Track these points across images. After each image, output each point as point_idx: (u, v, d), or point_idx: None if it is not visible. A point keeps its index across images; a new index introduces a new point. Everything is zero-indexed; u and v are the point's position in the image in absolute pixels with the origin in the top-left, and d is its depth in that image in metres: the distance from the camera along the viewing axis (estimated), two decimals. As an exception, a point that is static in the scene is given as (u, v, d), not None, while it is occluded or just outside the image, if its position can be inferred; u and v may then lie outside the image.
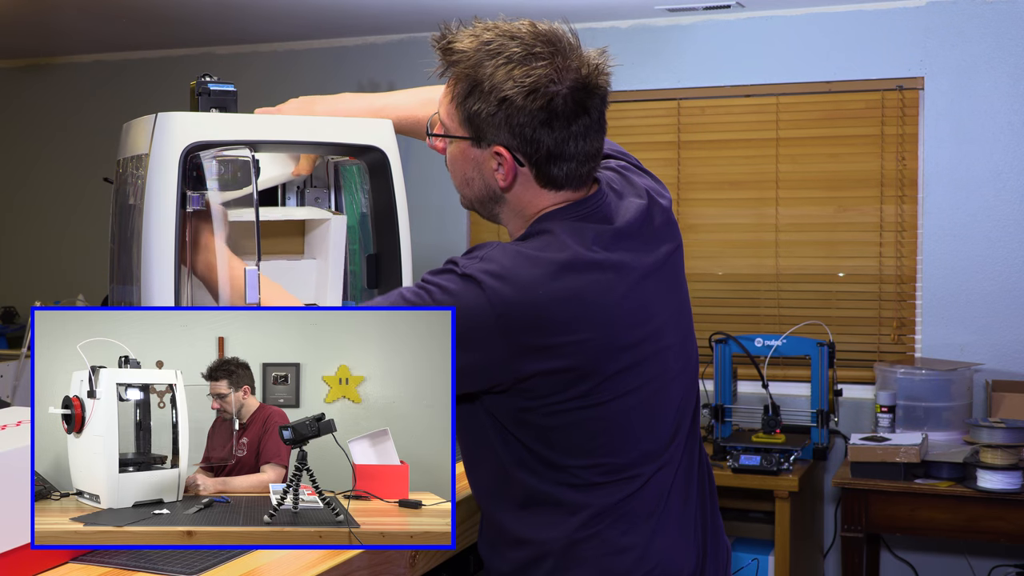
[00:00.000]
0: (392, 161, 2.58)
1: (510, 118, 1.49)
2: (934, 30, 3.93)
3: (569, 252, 1.48)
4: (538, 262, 1.46)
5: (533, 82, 1.47)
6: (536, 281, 1.44)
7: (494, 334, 1.43)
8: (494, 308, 1.43)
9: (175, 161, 2.21)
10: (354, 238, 2.69)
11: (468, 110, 1.51)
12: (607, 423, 1.51)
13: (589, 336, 1.46)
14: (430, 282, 1.48)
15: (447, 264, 1.50)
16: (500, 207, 1.59)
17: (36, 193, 5.41)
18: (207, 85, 2.40)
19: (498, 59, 1.48)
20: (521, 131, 1.49)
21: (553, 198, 1.55)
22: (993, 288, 3.90)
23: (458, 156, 1.57)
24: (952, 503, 3.38)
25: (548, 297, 1.44)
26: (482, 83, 1.49)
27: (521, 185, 1.54)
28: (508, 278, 1.44)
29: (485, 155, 1.54)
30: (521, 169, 1.53)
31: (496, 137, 1.51)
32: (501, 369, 1.46)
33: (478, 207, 1.62)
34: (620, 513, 1.54)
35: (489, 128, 1.51)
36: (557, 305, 1.44)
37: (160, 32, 4.65)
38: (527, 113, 1.48)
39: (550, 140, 1.50)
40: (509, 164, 1.52)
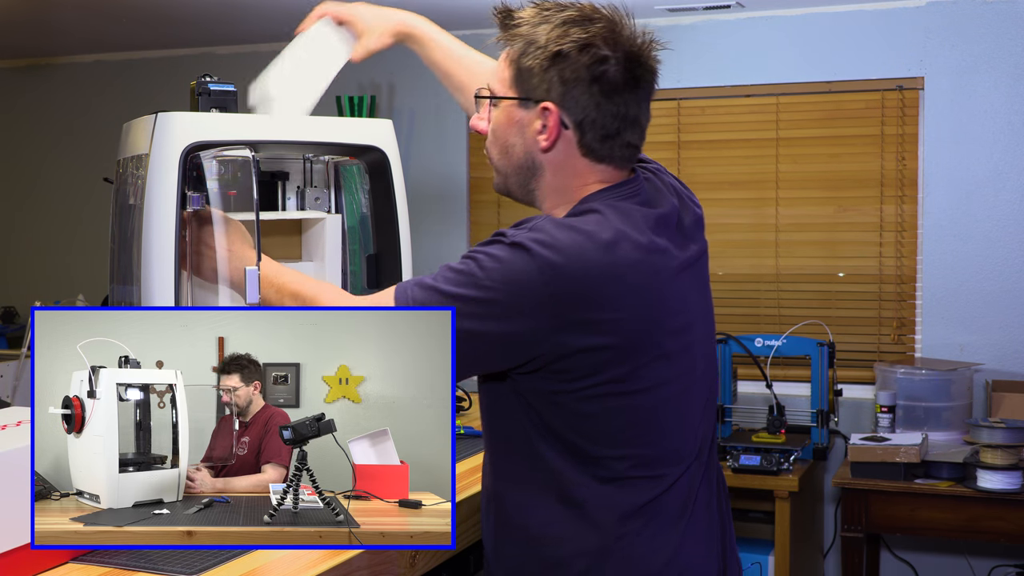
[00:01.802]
0: (392, 161, 2.58)
1: (561, 72, 1.49)
2: (934, 30, 3.93)
3: (618, 230, 1.47)
4: (589, 236, 1.45)
5: (588, 39, 1.48)
6: (586, 253, 1.43)
7: (541, 303, 1.42)
8: (542, 275, 1.42)
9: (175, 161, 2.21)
10: (354, 238, 2.69)
11: (519, 67, 1.52)
12: (639, 414, 1.50)
13: (633, 316, 1.45)
14: (478, 251, 1.47)
15: (495, 235, 1.48)
16: (538, 180, 1.56)
17: (36, 193, 5.41)
18: (207, 85, 2.40)
19: (556, 19, 1.50)
20: (569, 89, 1.49)
21: (593, 172, 1.54)
22: (993, 288, 3.90)
23: (502, 121, 1.56)
24: (952, 503, 3.38)
25: (597, 270, 1.43)
26: (537, 39, 1.50)
27: (562, 151, 1.53)
28: (558, 248, 1.43)
29: (530, 116, 1.52)
30: (565, 132, 1.51)
31: (545, 94, 1.50)
32: (543, 341, 1.44)
33: (514, 183, 1.59)
34: (650, 514, 1.52)
35: (539, 85, 1.50)
36: (605, 280, 1.43)
37: (160, 32, 4.65)
38: (578, 69, 1.48)
39: (597, 103, 1.49)
40: (555, 122, 1.51)
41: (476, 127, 1.61)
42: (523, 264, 1.42)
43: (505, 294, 1.42)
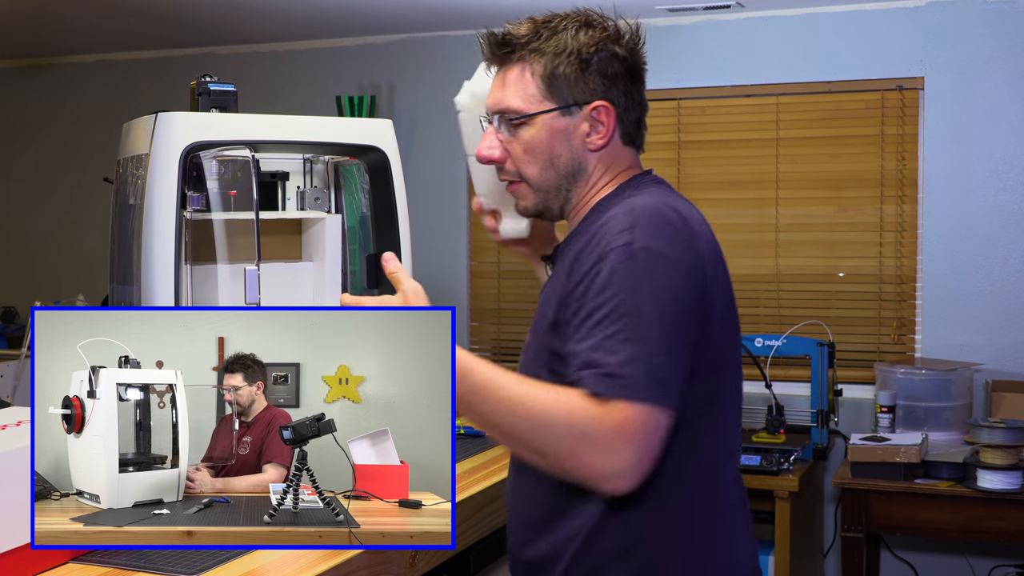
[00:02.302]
0: (392, 161, 2.59)
1: (602, 70, 1.53)
2: (934, 30, 3.93)
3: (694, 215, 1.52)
4: (688, 204, 1.53)
5: (606, 37, 1.54)
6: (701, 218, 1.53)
7: (702, 261, 1.46)
8: (695, 233, 1.47)
9: (175, 161, 2.21)
10: (354, 238, 2.69)
11: (552, 79, 1.53)
12: (723, 394, 1.52)
13: (728, 286, 1.52)
14: (611, 285, 1.42)
15: (624, 236, 1.43)
16: (579, 184, 1.58)
17: (36, 193, 5.41)
18: (207, 85, 2.40)
19: (567, 28, 1.54)
20: (613, 84, 1.54)
21: (629, 157, 1.59)
22: (993, 288, 3.90)
23: (542, 137, 1.55)
24: (952, 503, 3.38)
25: (709, 235, 1.52)
26: (563, 49, 1.52)
27: (612, 144, 1.57)
28: (686, 214, 1.48)
29: (575, 121, 1.55)
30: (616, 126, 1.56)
31: (591, 94, 1.53)
32: (704, 303, 1.45)
33: (554, 196, 1.58)
34: (727, 504, 1.54)
35: (580, 88, 1.53)
36: (713, 246, 1.50)
37: (160, 32, 4.65)
38: (613, 64, 1.53)
39: (629, 92, 1.56)
40: (610, 117, 1.54)
41: (491, 157, 1.59)
42: (682, 225, 1.45)
43: (676, 263, 1.42)
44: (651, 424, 1.35)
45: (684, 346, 1.41)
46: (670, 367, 1.38)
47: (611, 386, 1.36)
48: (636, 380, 1.35)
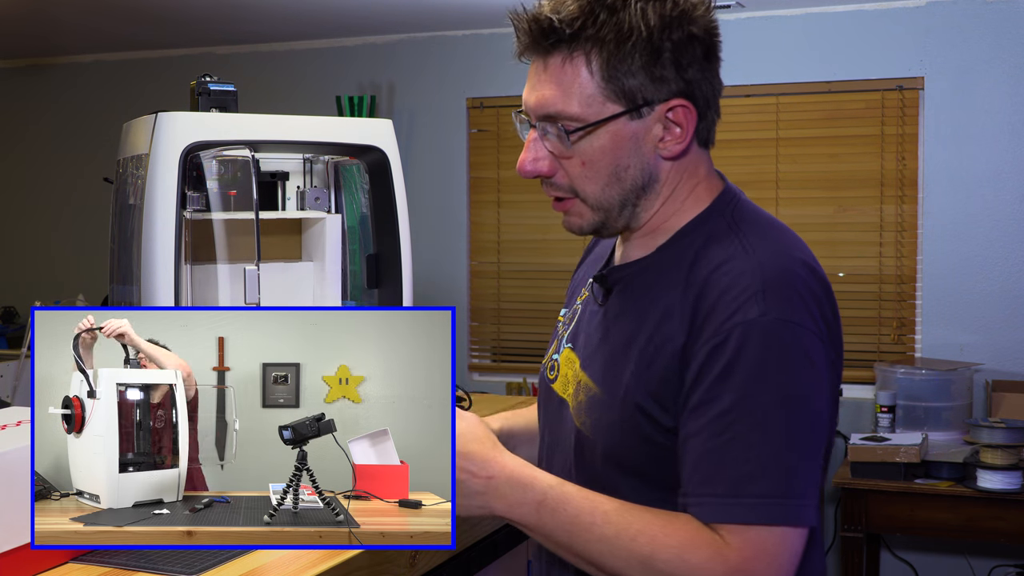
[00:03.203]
0: (392, 161, 2.59)
1: (678, 56, 1.21)
2: (934, 30, 3.93)
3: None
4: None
5: (684, 9, 1.22)
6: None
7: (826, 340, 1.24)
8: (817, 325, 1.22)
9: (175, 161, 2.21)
10: (354, 238, 2.69)
11: (616, 74, 1.21)
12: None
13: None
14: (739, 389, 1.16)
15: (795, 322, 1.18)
16: (652, 195, 1.28)
17: (36, 193, 5.41)
18: (207, 85, 2.40)
19: (628, 4, 1.21)
20: (689, 75, 1.23)
21: (701, 160, 1.31)
22: (993, 288, 3.90)
23: (606, 147, 1.24)
24: (952, 503, 3.38)
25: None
26: (629, 33, 1.19)
27: (691, 147, 1.28)
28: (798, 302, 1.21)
29: (645, 125, 1.24)
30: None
31: (666, 90, 1.22)
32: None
33: (616, 215, 1.29)
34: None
35: (650, 84, 1.21)
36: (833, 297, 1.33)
37: (160, 32, 4.65)
38: (689, 48, 1.22)
39: (709, 80, 1.26)
40: (691, 118, 1.25)
41: (538, 171, 1.27)
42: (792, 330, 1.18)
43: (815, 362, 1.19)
44: (785, 551, 1.13)
45: (823, 439, 1.19)
46: (808, 473, 1.15)
47: (733, 510, 1.13)
48: (766, 498, 1.13)
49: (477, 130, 4.59)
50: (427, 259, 4.43)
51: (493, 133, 4.54)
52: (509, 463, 1.24)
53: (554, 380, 1.41)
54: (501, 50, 4.48)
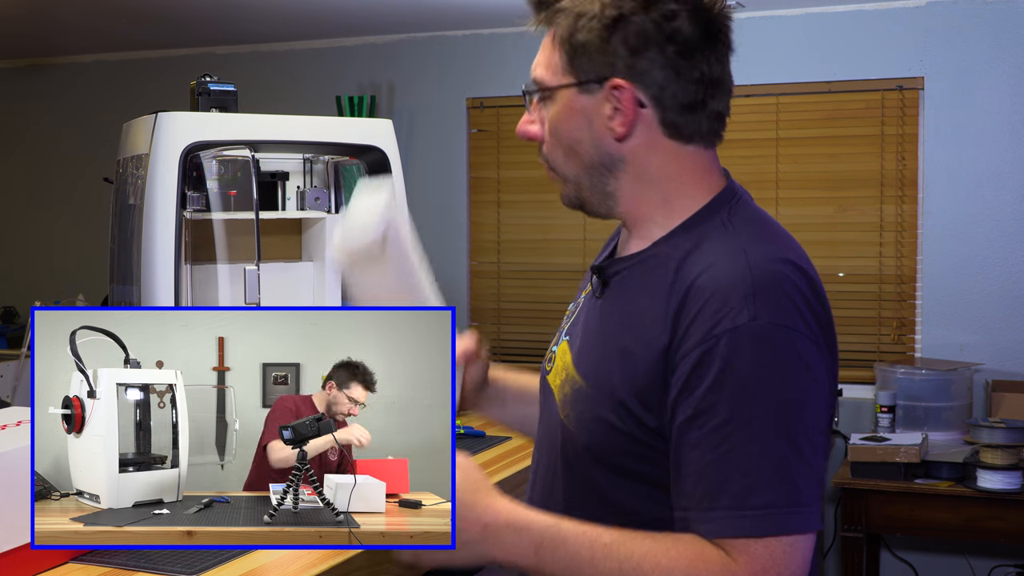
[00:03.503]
0: (392, 161, 2.59)
1: (626, 39, 1.22)
2: (934, 30, 3.93)
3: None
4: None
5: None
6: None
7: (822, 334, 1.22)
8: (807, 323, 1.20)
9: (175, 161, 2.21)
10: (354, 238, 2.69)
11: (573, 45, 1.24)
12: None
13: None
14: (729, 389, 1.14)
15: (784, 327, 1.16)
16: (617, 179, 1.28)
17: (36, 193, 5.41)
18: (207, 85, 2.41)
19: None
20: (639, 57, 1.22)
21: (683, 158, 1.28)
22: (993, 288, 3.90)
23: (562, 116, 1.27)
24: (952, 503, 3.38)
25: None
26: (589, 7, 1.23)
27: (643, 136, 1.26)
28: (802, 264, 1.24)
29: (597, 100, 1.25)
30: (642, 112, 1.24)
31: (610, 69, 1.23)
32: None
33: (588, 189, 1.30)
34: None
35: (600, 60, 1.23)
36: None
37: (160, 32, 4.65)
38: (645, 30, 1.21)
39: (675, 68, 1.23)
40: (629, 101, 1.23)
41: (526, 132, 1.32)
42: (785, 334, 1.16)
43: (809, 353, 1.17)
44: (795, 559, 1.11)
45: (823, 442, 1.18)
46: (811, 478, 1.13)
47: (739, 524, 1.11)
48: (771, 508, 1.11)
49: (477, 130, 4.59)
50: (427, 259, 4.43)
51: (493, 133, 4.54)
52: (504, 508, 1.22)
53: (549, 372, 1.40)
54: (501, 50, 4.49)
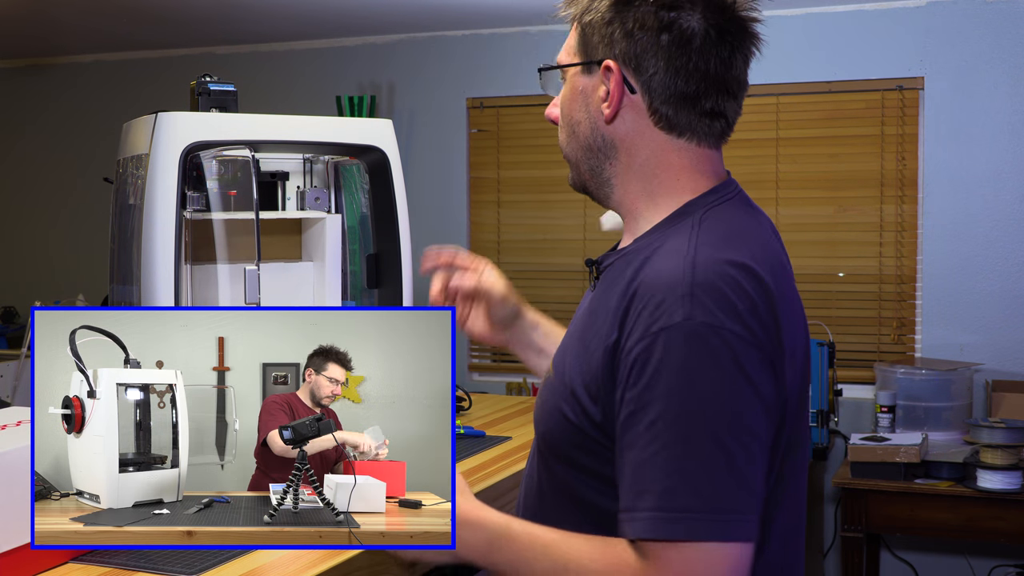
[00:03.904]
0: (392, 161, 2.59)
1: (624, 22, 1.22)
2: (934, 30, 3.93)
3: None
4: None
5: None
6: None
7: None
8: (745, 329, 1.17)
9: (175, 161, 2.21)
10: (354, 238, 2.70)
11: (583, 27, 1.27)
12: (791, 482, 1.34)
13: (806, 342, 1.33)
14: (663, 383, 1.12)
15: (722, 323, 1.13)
16: (612, 164, 1.28)
17: (36, 193, 5.41)
18: (207, 85, 2.40)
19: None
20: (634, 41, 1.22)
21: (674, 151, 1.27)
22: (993, 288, 3.90)
23: (567, 95, 1.31)
24: (952, 503, 3.38)
25: (784, 281, 1.30)
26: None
27: (631, 121, 1.25)
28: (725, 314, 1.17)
29: (594, 82, 1.27)
30: (632, 97, 1.24)
31: (606, 51, 1.24)
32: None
33: (587, 171, 1.31)
34: None
35: (600, 42, 1.25)
36: (790, 296, 1.30)
37: (160, 32, 4.65)
38: (644, 16, 1.22)
39: (668, 57, 1.22)
40: (616, 83, 1.24)
41: (548, 115, 1.35)
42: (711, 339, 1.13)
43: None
44: (714, 568, 1.08)
45: (761, 452, 1.14)
46: (740, 486, 1.09)
47: (657, 525, 1.08)
48: (687, 512, 1.08)
49: (477, 130, 4.59)
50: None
51: (493, 133, 4.54)
52: (463, 507, 1.26)
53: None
54: (501, 50, 4.49)
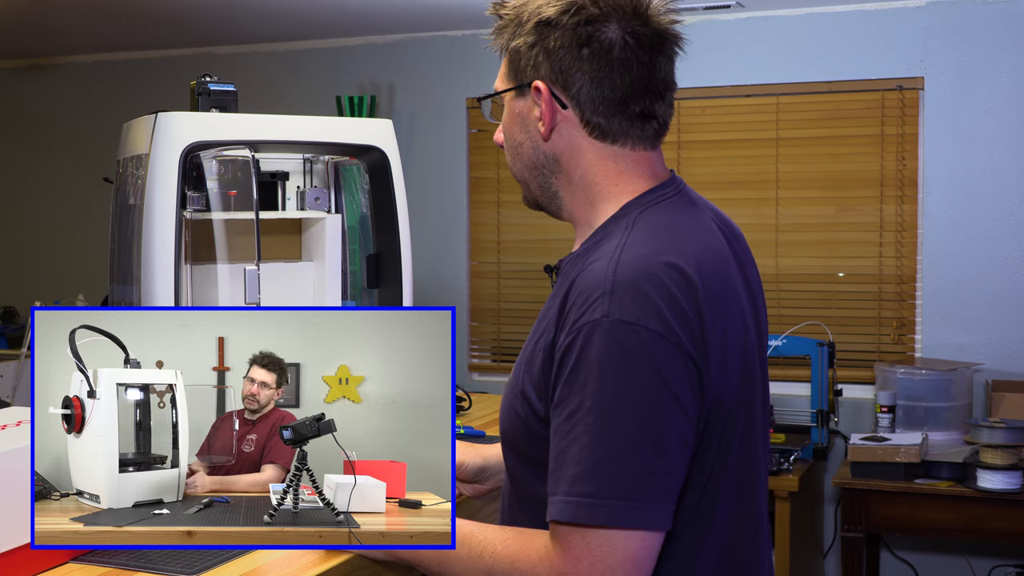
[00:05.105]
0: (392, 161, 2.59)
1: (545, 44, 1.28)
2: (934, 30, 3.93)
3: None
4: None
5: (580, 6, 1.27)
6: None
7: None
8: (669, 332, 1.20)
9: (175, 161, 2.21)
10: (354, 238, 2.70)
11: (511, 53, 1.33)
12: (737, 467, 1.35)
13: (746, 325, 1.34)
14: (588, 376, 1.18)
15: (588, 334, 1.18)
16: (557, 178, 1.34)
17: (36, 193, 5.41)
18: (207, 85, 2.40)
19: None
20: (557, 60, 1.28)
21: (611, 159, 1.31)
22: (993, 288, 3.90)
23: (506, 120, 1.38)
24: (952, 503, 3.38)
25: (720, 274, 1.31)
26: (523, 15, 1.31)
27: (567, 135, 1.31)
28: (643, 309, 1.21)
29: (528, 104, 1.33)
30: (564, 112, 1.30)
31: (536, 72, 1.30)
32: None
33: (536, 189, 1.37)
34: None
35: (528, 64, 1.30)
36: (721, 291, 1.30)
37: (160, 32, 4.65)
38: (563, 34, 1.27)
39: (592, 70, 1.27)
40: (547, 101, 1.30)
41: (496, 140, 1.43)
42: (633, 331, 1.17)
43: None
44: (615, 554, 1.13)
45: (678, 447, 1.17)
46: (647, 476, 1.14)
47: (564, 508, 1.15)
48: (588, 497, 1.13)
49: (477, 130, 4.59)
50: (427, 259, 4.43)
51: (493, 133, 4.53)
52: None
53: None
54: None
